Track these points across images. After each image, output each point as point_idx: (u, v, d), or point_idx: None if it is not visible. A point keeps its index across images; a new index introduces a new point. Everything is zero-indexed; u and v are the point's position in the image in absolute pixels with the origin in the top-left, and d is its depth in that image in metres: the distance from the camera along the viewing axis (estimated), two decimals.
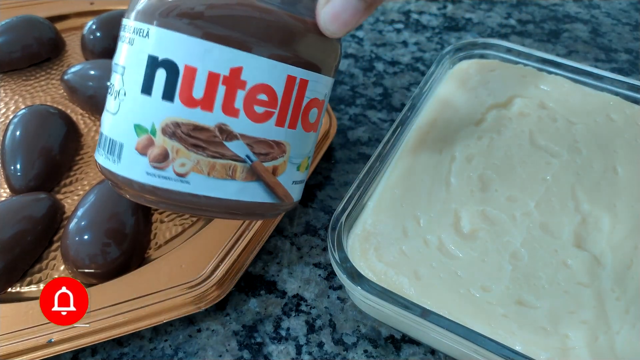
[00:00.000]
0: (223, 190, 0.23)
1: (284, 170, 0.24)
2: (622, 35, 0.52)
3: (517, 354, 0.24)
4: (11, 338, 0.28)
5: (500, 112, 0.35)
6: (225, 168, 0.22)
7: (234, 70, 0.21)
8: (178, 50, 0.21)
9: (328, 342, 0.30)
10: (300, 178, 0.26)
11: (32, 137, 0.37)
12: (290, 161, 0.24)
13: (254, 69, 0.22)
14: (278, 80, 0.22)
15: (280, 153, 0.24)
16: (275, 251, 0.35)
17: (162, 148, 0.22)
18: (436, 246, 0.29)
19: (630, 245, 0.28)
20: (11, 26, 0.46)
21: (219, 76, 0.21)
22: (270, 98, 0.22)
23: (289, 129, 0.23)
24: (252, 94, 0.22)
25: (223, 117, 0.22)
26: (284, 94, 0.23)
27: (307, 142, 0.25)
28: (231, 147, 0.22)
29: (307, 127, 0.24)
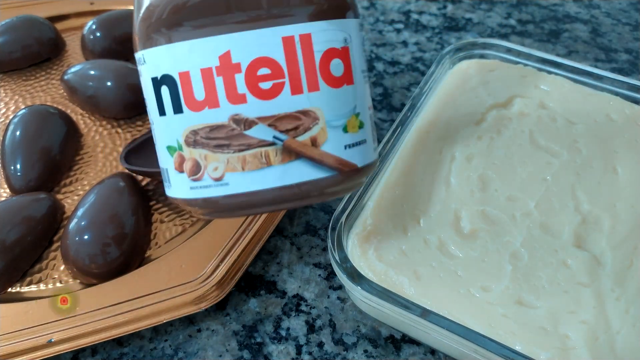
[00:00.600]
0: (264, 180, 0.21)
1: (326, 138, 0.22)
2: (622, 35, 0.52)
3: (517, 354, 0.24)
4: (11, 338, 0.28)
5: (500, 112, 0.35)
6: (257, 157, 0.21)
7: (223, 57, 0.20)
8: (167, 62, 0.21)
9: (328, 342, 0.30)
10: (355, 140, 0.23)
11: (32, 137, 0.37)
12: (330, 125, 0.22)
13: (242, 46, 0.20)
14: (273, 47, 0.20)
15: (312, 121, 0.21)
16: (275, 251, 0.35)
17: (192, 160, 0.21)
18: (436, 246, 0.29)
19: (630, 245, 0.28)
20: (11, 26, 0.46)
21: (211, 69, 0.20)
22: (274, 69, 0.20)
23: (310, 93, 0.21)
24: (252, 72, 0.20)
25: (232, 108, 0.20)
26: (287, 58, 0.20)
27: (344, 99, 0.22)
28: (253, 133, 0.21)
29: (335, 82, 0.22)
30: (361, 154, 0.23)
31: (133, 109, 0.42)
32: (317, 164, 0.22)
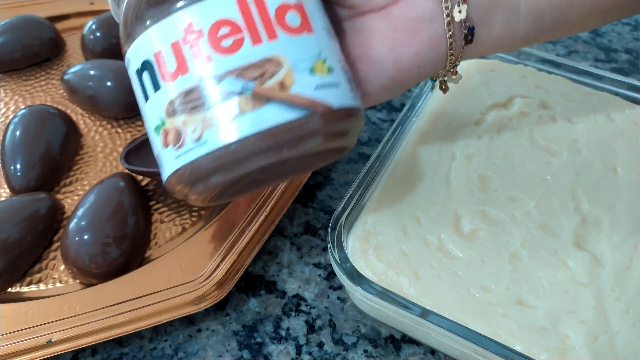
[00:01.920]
0: (240, 129, 0.21)
1: (294, 80, 0.22)
2: (622, 35, 0.52)
3: (517, 354, 0.24)
4: (11, 338, 0.28)
5: (500, 111, 0.35)
6: (230, 108, 0.22)
7: (187, 28, 0.22)
8: (144, 49, 0.23)
9: (328, 342, 0.30)
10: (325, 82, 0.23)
11: (32, 137, 0.37)
12: (296, 68, 0.22)
13: (201, 15, 0.22)
14: (229, 9, 0.22)
15: (277, 67, 0.22)
16: (275, 251, 0.35)
17: (174, 129, 0.22)
18: (436, 246, 0.29)
19: (630, 245, 0.28)
20: (11, 26, 0.45)
21: (179, 42, 0.22)
22: (232, 27, 0.22)
23: (270, 42, 0.22)
24: (213, 34, 0.22)
25: (201, 69, 0.22)
26: (244, 15, 0.22)
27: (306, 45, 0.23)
28: (222, 86, 0.22)
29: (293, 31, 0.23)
30: (335, 94, 0.23)
31: (133, 108, 0.42)
32: (288, 104, 0.22)
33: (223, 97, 0.22)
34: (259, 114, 0.22)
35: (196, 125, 0.22)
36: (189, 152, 0.22)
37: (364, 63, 0.25)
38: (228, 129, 0.22)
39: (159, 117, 0.23)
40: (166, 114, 0.22)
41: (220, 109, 0.22)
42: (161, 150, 0.23)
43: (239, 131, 0.22)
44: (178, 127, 0.22)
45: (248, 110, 0.22)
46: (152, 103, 0.23)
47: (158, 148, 0.23)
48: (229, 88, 0.22)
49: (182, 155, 0.22)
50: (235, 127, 0.22)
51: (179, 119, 0.22)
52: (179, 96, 0.22)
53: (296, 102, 0.22)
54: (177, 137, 0.22)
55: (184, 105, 0.22)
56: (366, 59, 0.25)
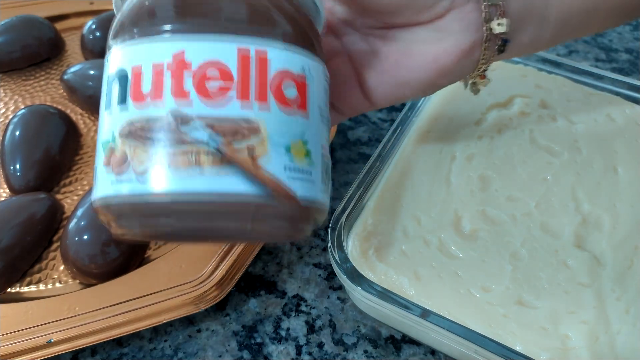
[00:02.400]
0: (190, 182, 0.19)
1: (265, 152, 0.20)
2: (622, 35, 0.52)
3: (517, 354, 0.24)
4: (11, 338, 0.28)
5: (500, 111, 0.35)
6: (187, 155, 0.19)
7: (177, 55, 0.20)
8: (123, 57, 0.21)
9: (328, 343, 0.30)
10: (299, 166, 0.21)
11: (32, 137, 0.37)
12: (272, 141, 0.20)
13: (197, 49, 0.20)
14: (228, 54, 0.20)
15: (254, 132, 0.20)
16: (275, 251, 0.35)
17: (121, 152, 0.20)
18: (436, 246, 0.29)
19: (630, 245, 0.28)
20: (11, 26, 0.45)
21: (163, 64, 0.20)
22: (223, 73, 0.20)
23: (258, 104, 0.20)
24: (201, 71, 0.20)
25: (174, 102, 0.20)
26: (240, 66, 0.20)
27: (292, 123, 0.21)
28: (188, 130, 0.19)
29: (285, 102, 0.21)
30: (304, 183, 0.21)
31: None
32: (250, 177, 0.20)
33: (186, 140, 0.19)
34: (216, 175, 0.19)
35: (145, 158, 0.20)
36: (127, 183, 0.20)
37: (404, 69, 0.26)
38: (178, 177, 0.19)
39: (111, 133, 0.21)
40: (120, 133, 0.20)
41: (178, 152, 0.19)
42: (99, 167, 0.21)
43: (188, 184, 0.19)
44: (126, 152, 0.20)
45: (205, 166, 0.19)
46: (110, 115, 0.21)
47: (99, 163, 0.21)
48: (195, 135, 0.19)
49: (119, 184, 0.20)
50: (187, 178, 0.19)
51: (130, 143, 0.20)
52: (140, 121, 0.20)
53: (258, 178, 0.20)
54: (120, 162, 0.20)
55: (141, 131, 0.20)
56: (407, 67, 0.26)
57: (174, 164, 0.19)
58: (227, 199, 0.20)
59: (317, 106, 0.22)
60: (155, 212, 0.20)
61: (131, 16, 0.21)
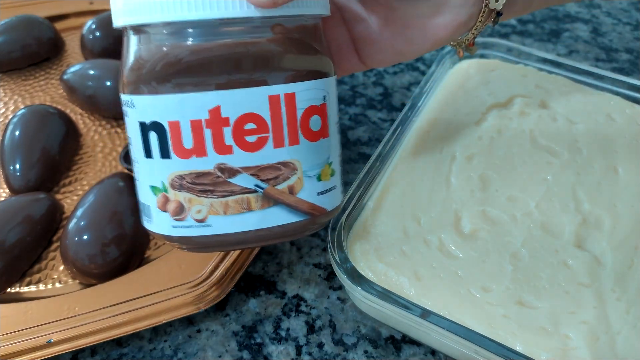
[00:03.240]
0: (244, 224, 0.23)
1: (302, 186, 0.24)
2: (622, 35, 0.52)
3: (517, 355, 0.24)
4: (11, 338, 0.28)
5: (500, 111, 0.35)
6: (239, 203, 0.23)
7: (213, 111, 0.22)
8: (157, 110, 0.22)
9: (328, 343, 0.30)
10: (327, 187, 0.25)
11: (32, 137, 0.37)
12: (306, 175, 0.24)
13: (231, 103, 0.22)
14: (260, 104, 0.22)
15: (291, 172, 0.23)
16: (275, 251, 0.35)
17: (176, 202, 0.23)
18: (436, 246, 0.29)
19: (630, 245, 0.28)
20: (11, 26, 0.45)
21: (201, 121, 0.22)
22: (259, 124, 0.22)
23: (291, 147, 0.23)
24: (239, 126, 0.22)
25: (219, 158, 0.22)
26: (272, 115, 0.22)
27: (320, 151, 0.24)
28: (236, 181, 0.23)
29: (313, 136, 0.24)
30: (331, 199, 0.25)
31: None
32: (293, 209, 0.24)
33: (235, 190, 0.23)
34: (266, 213, 0.23)
35: (202, 208, 0.23)
36: (189, 229, 0.23)
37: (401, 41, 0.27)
38: (234, 221, 0.23)
39: (160, 182, 0.23)
40: (171, 184, 0.23)
41: (230, 201, 0.23)
42: (155, 210, 0.24)
43: (243, 225, 0.23)
44: (182, 202, 0.23)
45: (256, 209, 0.23)
46: (154, 164, 0.23)
47: (150, 203, 0.24)
48: (243, 183, 0.23)
49: (182, 228, 0.23)
50: (241, 221, 0.23)
51: (185, 195, 0.23)
52: (190, 175, 0.22)
53: (299, 208, 0.24)
54: (178, 211, 0.23)
55: (193, 185, 0.23)
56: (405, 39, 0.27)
57: (229, 211, 0.23)
58: (279, 230, 0.24)
59: (334, 122, 0.25)
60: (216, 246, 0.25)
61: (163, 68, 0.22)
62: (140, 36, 0.22)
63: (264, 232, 0.24)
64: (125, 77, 0.23)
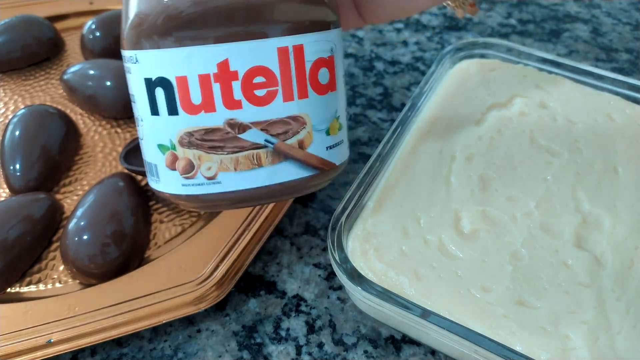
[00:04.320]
0: (255, 179, 0.23)
1: (312, 141, 0.24)
2: (622, 35, 0.52)
3: (517, 355, 0.24)
4: (11, 338, 0.28)
5: (500, 111, 0.35)
6: (249, 158, 0.22)
7: (221, 65, 0.21)
8: (164, 65, 0.22)
9: (328, 343, 0.30)
10: (335, 141, 0.25)
11: (32, 137, 0.37)
12: (315, 129, 0.24)
13: (240, 56, 0.21)
14: (269, 57, 0.22)
15: (300, 126, 0.23)
16: (275, 251, 0.35)
17: (186, 159, 0.23)
18: (436, 246, 0.29)
19: (630, 245, 0.28)
20: (10, 26, 0.45)
21: (209, 75, 0.21)
22: (268, 77, 0.22)
23: (300, 100, 0.23)
24: (248, 80, 0.21)
25: (228, 112, 0.22)
26: (281, 67, 0.22)
27: (328, 105, 0.24)
28: (246, 137, 0.22)
29: (321, 89, 0.23)
30: (339, 153, 0.26)
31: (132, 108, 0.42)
32: (303, 164, 0.24)
33: (245, 146, 0.22)
34: (276, 169, 0.23)
35: (211, 164, 0.23)
36: (199, 187, 0.23)
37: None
38: (244, 177, 0.23)
39: (168, 140, 0.23)
40: (179, 142, 0.22)
41: (240, 156, 0.22)
42: (163, 168, 0.24)
43: (253, 181, 0.23)
44: (191, 159, 0.23)
45: (266, 164, 0.23)
46: (162, 122, 0.22)
47: (157, 162, 0.24)
48: (253, 139, 0.22)
49: (191, 187, 0.23)
50: (252, 177, 0.23)
51: (194, 152, 0.22)
52: (199, 131, 0.22)
53: (309, 162, 0.24)
54: (187, 168, 0.23)
55: (202, 141, 0.22)
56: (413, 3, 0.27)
57: (240, 167, 0.23)
58: (289, 185, 0.24)
59: (341, 75, 0.25)
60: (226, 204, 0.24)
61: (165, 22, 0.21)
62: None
63: (274, 188, 0.23)
64: (126, 32, 0.22)
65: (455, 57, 0.39)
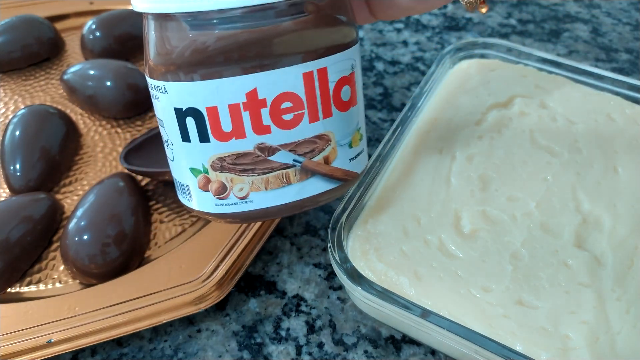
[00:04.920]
0: (284, 196, 0.24)
1: (336, 156, 0.25)
2: (622, 35, 0.52)
3: (517, 354, 0.24)
4: (11, 338, 0.28)
5: (500, 111, 0.35)
6: (279, 177, 0.24)
7: (250, 94, 0.22)
8: (194, 96, 0.22)
9: (328, 343, 0.30)
10: (357, 152, 0.26)
11: (32, 137, 0.37)
12: (339, 144, 0.25)
13: (267, 84, 0.22)
14: (295, 82, 0.23)
15: (325, 143, 0.24)
16: (275, 251, 0.35)
17: (218, 182, 0.24)
18: (436, 246, 0.29)
19: (630, 245, 0.28)
20: (11, 26, 0.45)
21: (239, 105, 0.22)
22: (295, 102, 0.23)
23: (325, 120, 0.24)
24: (276, 106, 0.23)
25: (258, 138, 0.23)
26: (307, 91, 0.23)
27: (350, 120, 0.25)
28: (276, 159, 0.23)
29: (343, 106, 0.24)
30: (360, 162, 0.27)
31: (132, 108, 0.42)
32: (329, 178, 0.25)
33: (275, 167, 0.24)
34: (304, 185, 0.25)
35: (243, 185, 0.24)
36: (232, 206, 0.25)
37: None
38: (275, 195, 0.24)
39: (201, 164, 0.24)
40: (211, 166, 0.24)
41: (270, 177, 0.24)
42: (196, 189, 0.25)
43: (283, 198, 0.24)
44: (224, 182, 0.24)
45: (295, 182, 0.24)
46: (193, 148, 0.24)
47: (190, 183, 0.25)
48: (282, 160, 0.24)
49: (224, 206, 0.25)
50: (282, 194, 0.24)
51: (226, 175, 0.24)
52: (230, 157, 0.23)
53: (335, 176, 0.25)
54: (220, 190, 0.24)
55: (234, 165, 0.23)
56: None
57: (270, 186, 0.24)
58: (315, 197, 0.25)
59: (360, 87, 0.26)
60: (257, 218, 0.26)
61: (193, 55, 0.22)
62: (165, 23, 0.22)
63: (301, 202, 0.25)
64: (152, 62, 0.23)
65: (455, 57, 0.39)
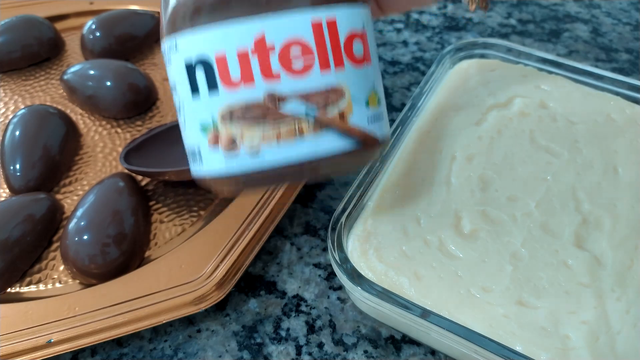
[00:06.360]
0: (298, 150, 0.23)
1: (352, 111, 0.24)
2: (622, 35, 0.52)
3: (517, 355, 0.24)
4: (11, 338, 0.28)
5: (500, 112, 0.35)
6: (291, 130, 0.23)
7: (258, 39, 0.22)
8: (203, 45, 0.22)
9: (328, 343, 0.30)
10: (375, 113, 0.25)
11: (32, 137, 0.37)
12: (354, 100, 0.24)
13: (275, 29, 0.22)
14: (303, 30, 0.22)
15: (340, 96, 0.23)
16: (275, 251, 0.35)
17: (228, 135, 0.23)
18: (436, 246, 0.29)
19: (630, 245, 0.28)
20: (11, 26, 0.45)
21: (247, 50, 0.22)
22: (304, 48, 0.22)
23: (337, 71, 0.23)
24: (285, 52, 0.22)
25: (267, 86, 0.22)
26: (316, 38, 0.23)
27: (365, 77, 0.24)
28: (287, 109, 0.23)
29: (357, 61, 0.24)
30: (381, 127, 0.25)
31: (133, 108, 0.42)
32: (344, 135, 0.24)
33: (286, 118, 0.23)
34: (317, 140, 0.23)
35: (254, 138, 0.23)
36: (243, 162, 0.23)
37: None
38: (287, 149, 0.23)
39: (210, 118, 0.23)
40: (221, 118, 0.23)
41: (282, 129, 0.23)
42: (206, 148, 0.24)
43: (297, 153, 0.23)
44: (233, 135, 0.23)
45: (308, 135, 0.23)
46: (203, 101, 0.23)
47: (200, 142, 0.24)
48: (294, 110, 0.23)
49: (235, 162, 0.23)
50: (294, 149, 0.23)
51: (236, 127, 0.23)
52: (240, 107, 0.23)
53: (352, 134, 0.24)
54: (230, 144, 0.23)
55: (244, 116, 0.23)
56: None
57: (282, 139, 0.23)
58: (329, 156, 0.23)
59: (375, 54, 0.26)
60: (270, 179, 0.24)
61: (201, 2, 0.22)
62: None
63: (317, 163, 0.24)
64: (165, 22, 0.23)
65: (455, 57, 0.39)
